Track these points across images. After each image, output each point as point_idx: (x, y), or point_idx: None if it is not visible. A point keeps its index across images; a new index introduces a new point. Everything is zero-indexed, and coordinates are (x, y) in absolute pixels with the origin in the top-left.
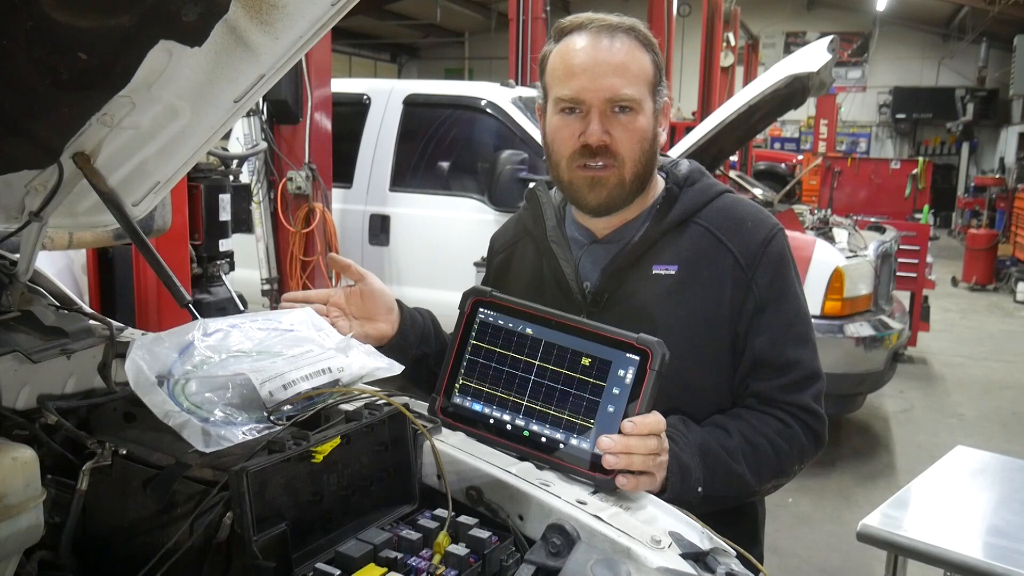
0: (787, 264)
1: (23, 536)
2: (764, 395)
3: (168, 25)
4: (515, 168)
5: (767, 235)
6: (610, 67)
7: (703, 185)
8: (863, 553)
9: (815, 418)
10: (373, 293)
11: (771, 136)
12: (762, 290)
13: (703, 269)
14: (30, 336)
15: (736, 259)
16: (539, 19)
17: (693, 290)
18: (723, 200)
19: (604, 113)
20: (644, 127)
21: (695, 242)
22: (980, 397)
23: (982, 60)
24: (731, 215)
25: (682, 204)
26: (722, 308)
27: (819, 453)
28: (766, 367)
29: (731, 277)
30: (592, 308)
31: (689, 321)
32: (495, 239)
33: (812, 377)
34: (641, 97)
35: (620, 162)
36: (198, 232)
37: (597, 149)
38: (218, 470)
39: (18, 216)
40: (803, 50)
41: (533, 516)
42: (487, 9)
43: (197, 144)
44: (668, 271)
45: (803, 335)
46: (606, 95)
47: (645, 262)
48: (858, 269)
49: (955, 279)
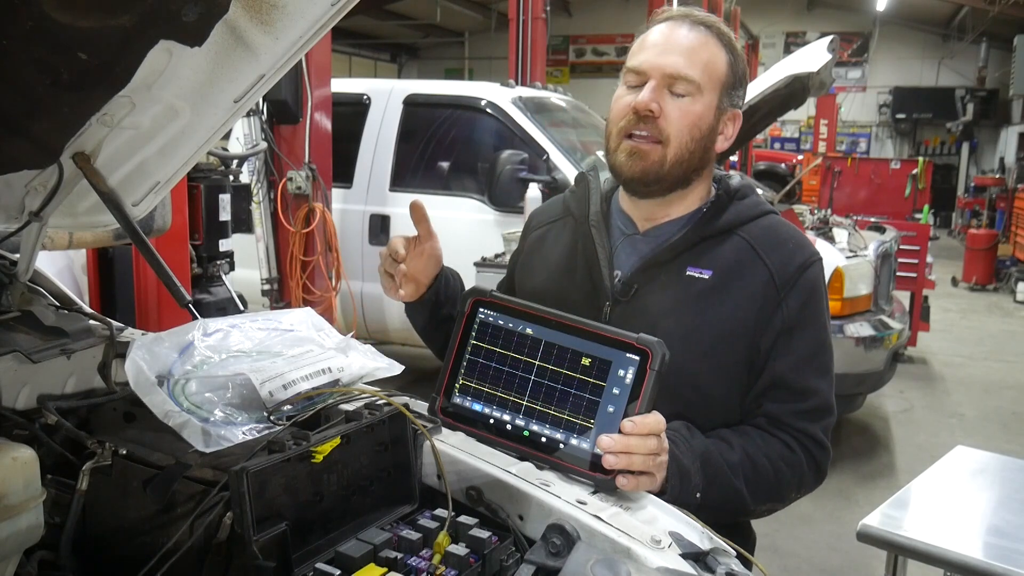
0: (820, 294)
1: (23, 536)
2: (775, 417)
3: (168, 25)
4: (515, 168)
5: (806, 261)
6: (679, 47)
7: (752, 201)
8: (863, 553)
9: (820, 449)
10: (434, 257)
11: (771, 136)
12: (792, 313)
13: (737, 280)
14: (30, 336)
15: (771, 276)
16: (539, 19)
17: (723, 298)
18: (769, 219)
19: (660, 86)
20: (698, 114)
21: (734, 253)
22: (980, 397)
23: (982, 60)
24: (774, 234)
25: (729, 214)
26: (748, 321)
27: (817, 486)
28: (783, 390)
29: (763, 293)
30: (620, 297)
31: (713, 328)
32: (535, 215)
33: (825, 409)
34: (701, 83)
35: (665, 139)
36: (198, 232)
37: (644, 116)
38: (218, 470)
39: (18, 216)
40: (803, 50)
41: (533, 516)
42: (487, 9)
43: (197, 144)
44: (702, 275)
45: (825, 367)
46: (666, 69)
47: (681, 262)
48: (858, 269)
49: (955, 279)
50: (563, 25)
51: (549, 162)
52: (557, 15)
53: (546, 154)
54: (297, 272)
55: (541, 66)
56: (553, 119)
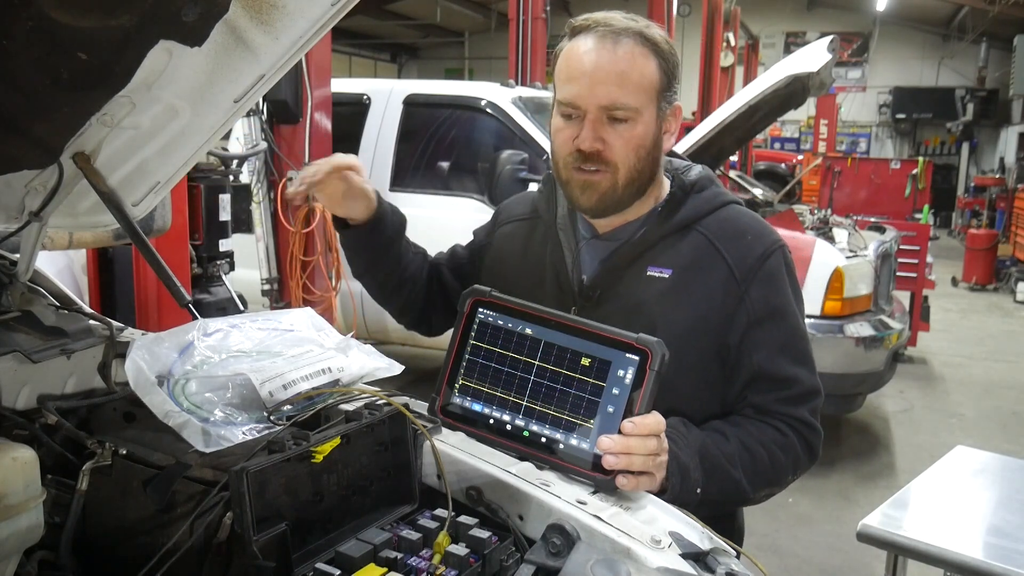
0: (783, 281)
1: (23, 536)
2: (762, 406)
3: (168, 25)
4: (515, 168)
5: (766, 250)
6: (609, 75)
7: (710, 193)
8: (863, 553)
9: (811, 431)
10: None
11: (771, 136)
12: (756, 305)
13: (696, 276)
14: (30, 336)
15: (731, 270)
16: (539, 19)
17: (684, 296)
18: (728, 210)
19: (598, 120)
20: (641, 135)
21: (693, 249)
22: (980, 397)
23: (982, 60)
24: (732, 226)
25: (685, 210)
26: (711, 316)
27: (811, 466)
28: (765, 381)
29: (723, 288)
30: (583, 302)
31: (676, 326)
32: (506, 208)
33: (810, 393)
34: (639, 105)
35: (613, 168)
36: (198, 232)
37: (589, 155)
38: (218, 470)
39: (18, 216)
40: (803, 50)
41: (533, 516)
42: (487, 9)
43: (197, 144)
44: (662, 274)
45: (802, 354)
46: (601, 102)
47: (641, 263)
48: (858, 269)
49: (955, 279)
50: (563, 25)
51: (549, 162)
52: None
53: (546, 154)
54: (297, 272)
55: (541, 66)
56: None
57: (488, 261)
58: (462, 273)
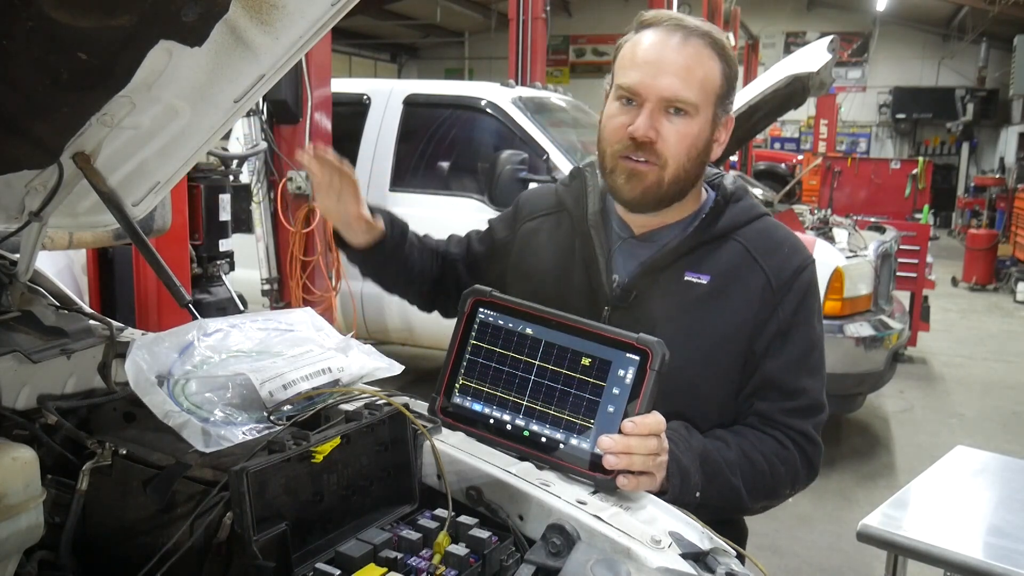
0: (814, 295)
1: (23, 536)
2: (767, 415)
3: (168, 25)
4: (515, 168)
5: (801, 264)
6: (674, 66)
7: (747, 204)
8: (863, 553)
9: (813, 446)
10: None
11: (771, 136)
12: (786, 316)
13: (734, 284)
14: (30, 336)
15: (768, 280)
16: (539, 19)
17: (721, 303)
18: (764, 222)
19: (656, 110)
20: (695, 134)
21: (731, 257)
22: (980, 397)
23: (982, 60)
24: (770, 238)
25: (726, 218)
26: (745, 325)
27: (810, 482)
28: (774, 389)
29: (760, 297)
30: (618, 303)
31: (712, 332)
32: (527, 202)
33: (816, 407)
34: (699, 103)
35: (663, 162)
36: (198, 232)
37: (641, 144)
38: (218, 470)
39: (18, 216)
40: (803, 50)
41: (533, 516)
42: (487, 9)
43: (197, 144)
44: (700, 280)
45: (816, 367)
46: (663, 92)
47: (679, 268)
48: (858, 269)
49: (955, 279)
50: (563, 25)
51: (549, 162)
52: (557, 15)
53: (546, 154)
54: (297, 272)
55: (541, 66)
56: (553, 119)
57: (514, 258)
58: (479, 269)
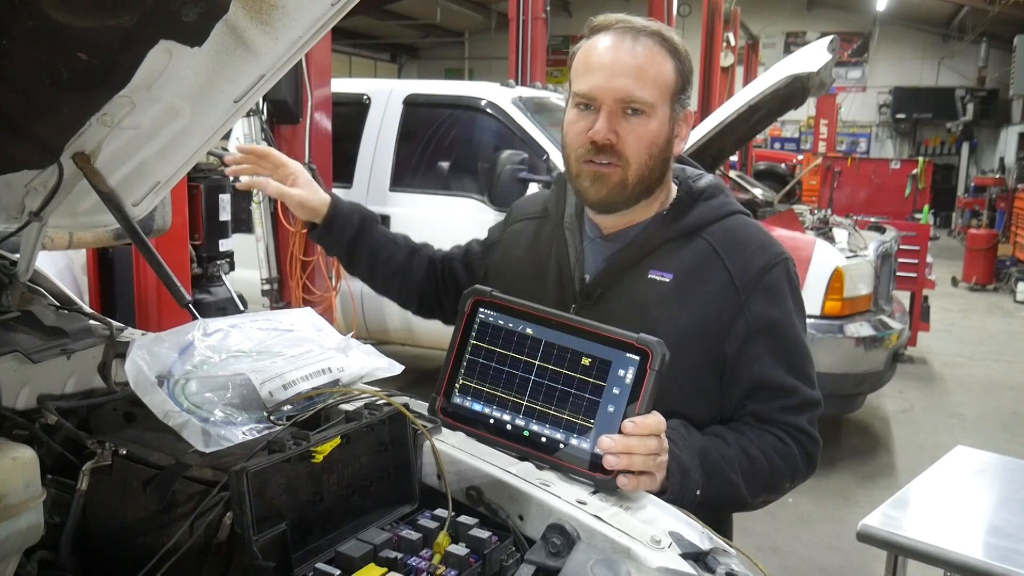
0: (784, 295)
1: (23, 536)
2: (763, 415)
3: (168, 25)
4: (515, 168)
5: (768, 262)
6: (627, 68)
7: (718, 202)
8: (863, 553)
9: (810, 440)
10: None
11: (771, 136)
12: (756, 316)
13: (697, 282)
14: (30, 336)
15: (731, 279)
16: (539, 19)
17: (683, 300)
18: (734, 220)
19: (614, 113)
20: (655, 132)
21: (695, 255)
22: (980, 397)
23: (982, 60)
24: (737, 236)
25: (692, 216)
26: (708, 324)
27: (809, 476)
28: (763, 390)
29: (723, 296)
30: (584, 300)
31: (674, 330)
32: (519, 206)
33: (809, 403)
34: (654, 102)
35: (624, 163)
36: (198, 232)
37: (602, 147)
38: (218, 470)
39: (18, 216)
40: (803, 50)
41: (533, 516)
42: (487, 9)
43: (197, 144)
44: (663, 278)
45: (800, 366)
46: (617, 95)
47: (644, 265)
48: (858, 269)
49: (955, 279)
50: (563, 25)
51: (549, 162)
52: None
53: (546, 154)
54: (297, 272)
55: (541, 66)
56: (553, 119)
57: (496, 258)
58: (473, 269)
